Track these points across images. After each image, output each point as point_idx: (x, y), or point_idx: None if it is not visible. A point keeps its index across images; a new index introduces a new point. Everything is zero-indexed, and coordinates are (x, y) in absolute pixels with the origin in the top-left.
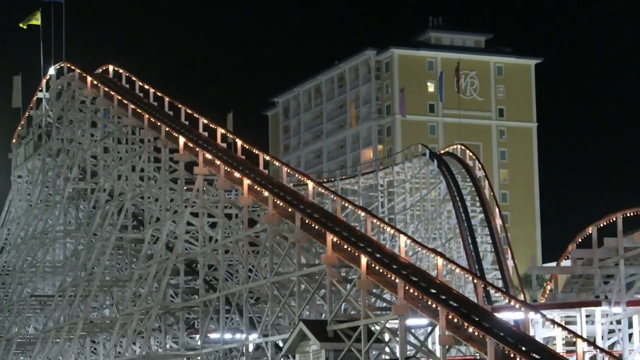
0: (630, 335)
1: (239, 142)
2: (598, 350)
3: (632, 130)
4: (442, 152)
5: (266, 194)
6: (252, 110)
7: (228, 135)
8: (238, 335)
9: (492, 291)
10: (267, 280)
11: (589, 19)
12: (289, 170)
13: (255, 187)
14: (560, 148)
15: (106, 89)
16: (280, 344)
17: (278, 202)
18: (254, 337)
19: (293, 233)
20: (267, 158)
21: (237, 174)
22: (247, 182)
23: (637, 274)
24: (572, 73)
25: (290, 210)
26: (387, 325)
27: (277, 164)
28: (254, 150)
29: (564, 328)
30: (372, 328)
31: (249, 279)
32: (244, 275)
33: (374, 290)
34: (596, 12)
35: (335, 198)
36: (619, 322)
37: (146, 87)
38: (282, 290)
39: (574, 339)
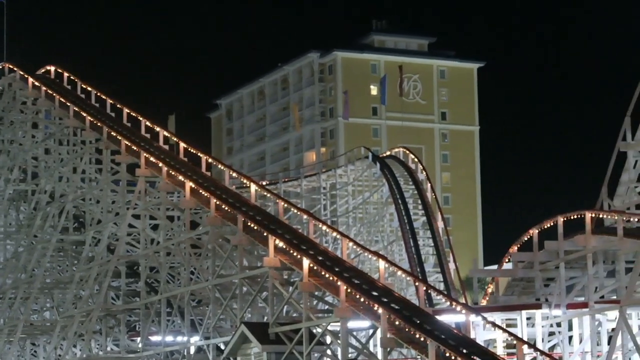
0: (570, 338)
1: (182, 144)
2: (538, 353)
3: (573, 134)
4: (385, 155)
5: (208, 196)
6: (195, 112)
7: (170, 137)
8: (179, 338)
9: (433, 294)
10: (209, 283)
11: (530, 23)
12: (231, 173)
13: (198, 189)
14: (502, 151)
15: (48, 90)
16: (222, 347)
17: (220, 204)
18: (195, 339)
19: (235, 235)
20: (210, 160)
21: (179, 176)
22: (189, 184)
23: (578, 276)
24: (514, 77)
25: (232, 212)
26: (329, 327)
27: (220, 166)
28: (196, 153)
29: (505, 330)
30: (314, 330)
31: (191, 281)
32: (186, 278)
33: (316, 293)
34: (537, 17)
35: (278, 200)
36: (559, 324)
37: (88, 88)
38: (224, 292)
39: (515, 342)
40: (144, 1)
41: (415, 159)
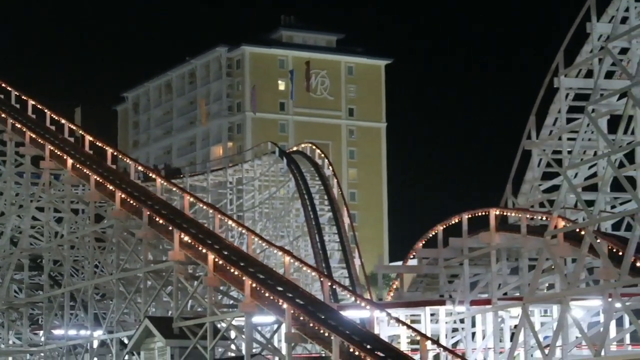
0: (474, 334)
1: (87, 137)
2: (442, 349)
3: (480, 132)
4: (292, 150)
5: (114, 189)
6: (101, 104)
7: (76, 129)
8: (83, 332)
9: (338, 289)
10: (113, 277)
11: (438, 21)
12: (137, 166)
13: (103, 182)
14: (408, 148)
15: None
16: (125, 341)
17: (126, 197)
18: (98, 333)
19: (140, 229)
20: (116, 153)
21: (84, 169)
22: (94, 177)
23: (481, 273)
24: (422, 74)
25: (137, 206)
26: (234, 322)
27: (126, 159)
28: (102, 145)
29: (409, 326)
30: (219, 325)
31: (95, 274)
32: (90, 271)
33: (221, 288)
34: (445, 15)
35: (183, 195)
36: (462, 321)
37: None
38: (128, 286)
39: (419, 338)
40: None
41: (322, 155)
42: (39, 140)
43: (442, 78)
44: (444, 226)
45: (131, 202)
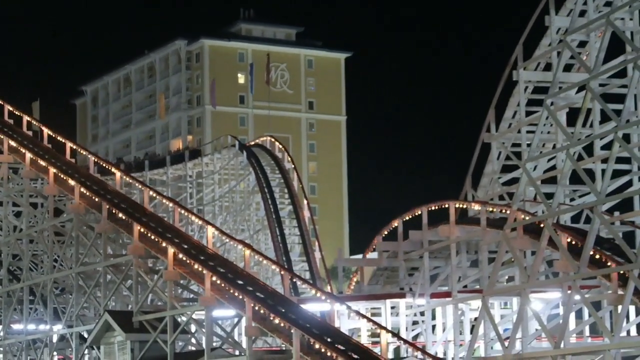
0: (434, 327)
1: (46, 131)
2: (402, 342)
3: (440, 125)
4: (252, 143)
5: (72, 183)
6: (60, 98)
7: (34, 123)
8: (42, 326)
9: (299, 283)
10: (72, 271)
11: (398, 13)
12: (96, 160)
13: (62, 176)
14: (368, 142)
15: None
16: (85, 335)
17: (85, 191)
18: (58, 327)
19: (99, 223)
20: (74, 147)
21: (43, 163)
22: (53, 170)
23: (441, 266)
24: (382, 68)
25: (96, 200)
26: (194, 316)
27: (84, 153)
28: (60, 139)
29: (369, 319)
30: (179, 319)
31: (54, 269)
32: (49, 266)
33: (181, 282)
34: (405, 7)
35: (143, 188)
36: (422, 313)
37: None
38: (88, 280)
39: (379, 330)
40: None
41: (282, 148)
42: None
43: (402, 71)
44: (404, 219)
45: (90, 196)
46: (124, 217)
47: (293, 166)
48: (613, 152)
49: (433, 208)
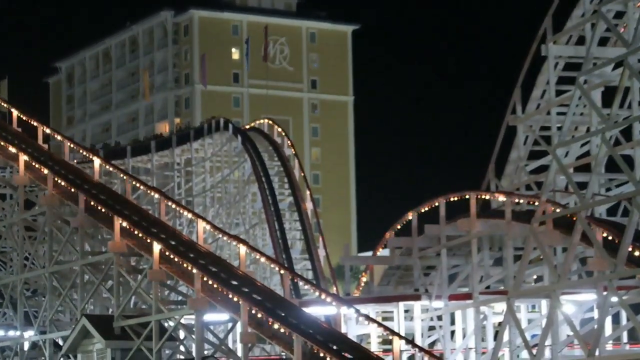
0: (452, 333)
1: (15, 113)
2: (417, 349)
3: (459, 106)
4: (247, 127)
5: (45, 172)
6: (30, 76)
7: (2, 104)
8: (12, 332)
9: (300, 283)
10: (45, 270)
11: None
12: (72, 146)
13: (33, 164)
14: (379, 125)
15: None
16: (60, 342)
17: (59, 181)
18: (29, 334)
19: (76, 217)
20: (48, 131)
21: (12, 149)
22: (23, 158)
23: (461, 265)
24: (393, 42)
25: (73, 190)
26: (182, 321)
27: (58, 138)
28: (32, 122)
29: (380, 324)
30: (166, 324)
31: (25, 268)
32: (19, 265)
33: (168, 282)
34: None
35: (125, 177)
36: (440, 317)
37: None
38: (63, 281)
39: (391, 337)
40: None
41: (282, 132)
42: None
43: (416, 46)
44: (419, 212)
45: (65, 186)
46: (103, 210)
47: (294, 152)
48: None
49: (452, 199)
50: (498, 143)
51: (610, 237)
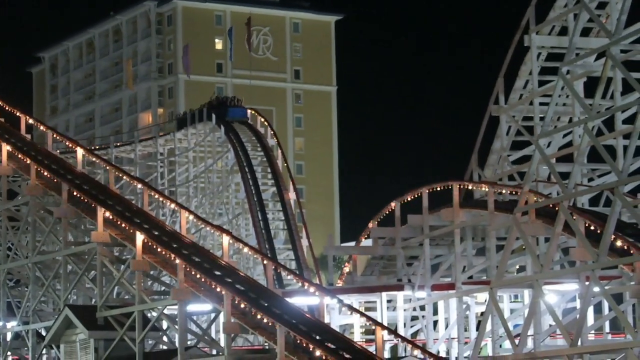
0: (435, 323)
1: None
2: (399, 339)
3: (442, 96)
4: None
5: (29, 162)
6: (13, 66)
7: None
8: None
9: (284, 273)
10: (28, 260)
11: None
12: (55, 136)
13: (16, 154)
14: (362, 115)
15: None
16: (43, 333)
17: (42, 171)
18: (12, 324)
19: (59, 207)
20: (31, 121)
21: None
22: (6, 148)
23: (444, 255)
24: (376, 31)
25: (56, 181)
26: (165, 311)
27: (42, 128)
28: (15, 112)
29: (363, 314)
30: (149, 314)
31: (8, 258)
32: (2, 255)
33: (151, 272)
34: None
35: (108, 168)
36: (423, 308)
37: None
38: (46, 271)
39: (374, 327)
40: None
41: (265, 123)
42: None
43: (400, 36)
44: (402, 202)
45: (49, 176)
46: (86, 200)
47: (277, 142)
48: (636, 127)
49: (435, 189)
50: (481, 133)
51: (592, 227)
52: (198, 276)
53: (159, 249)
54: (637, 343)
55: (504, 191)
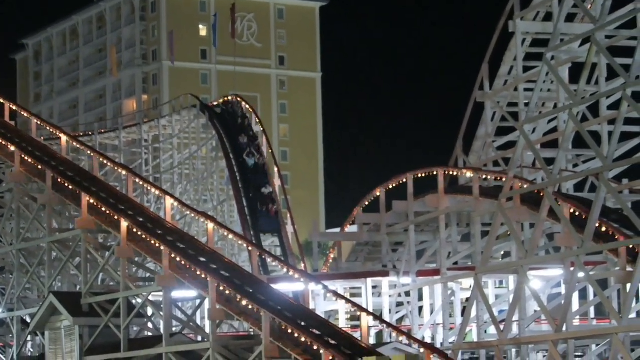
0: (420, 309)
1: None
2: (385, 325)
3: (427, 83)
4: (215, 103)
5: (12, 148)
6: None
7: None
8: None
9: (269, 260)
10: (12, 247)
11: None
12: (39, 122)
13: (0, 141)
14: (347, 101)
15: None
16: (28, 320)
17: (26, 158)
18: None
19: (43, 194)
20: (14, 108)
21: None
22: None
23: (429, 241)
24: (362, 17)
25: (40, 167)
26: (150, 297)
27: (26, 115)
28: None
29: (348, 301)
30: (133, 301)
31: None
32: None
33: (136, 259)
34: None
35: (92, 154)
36: (408, 294)
37: None
38: (31, 258)
39: (359, 313)
40: None
41: (250, 109)
42: None
43: (384, 22)
44: (387, 188)
45: (33, 162)
46: (71, 187)
47: (262, 129)
48: (621, 113)
49: (419, 175)
50: (466, 119)
51: (577, 213)
52: (183, 263)
53: (143, 236)
54: (622, 328)
55: (488, 177)
